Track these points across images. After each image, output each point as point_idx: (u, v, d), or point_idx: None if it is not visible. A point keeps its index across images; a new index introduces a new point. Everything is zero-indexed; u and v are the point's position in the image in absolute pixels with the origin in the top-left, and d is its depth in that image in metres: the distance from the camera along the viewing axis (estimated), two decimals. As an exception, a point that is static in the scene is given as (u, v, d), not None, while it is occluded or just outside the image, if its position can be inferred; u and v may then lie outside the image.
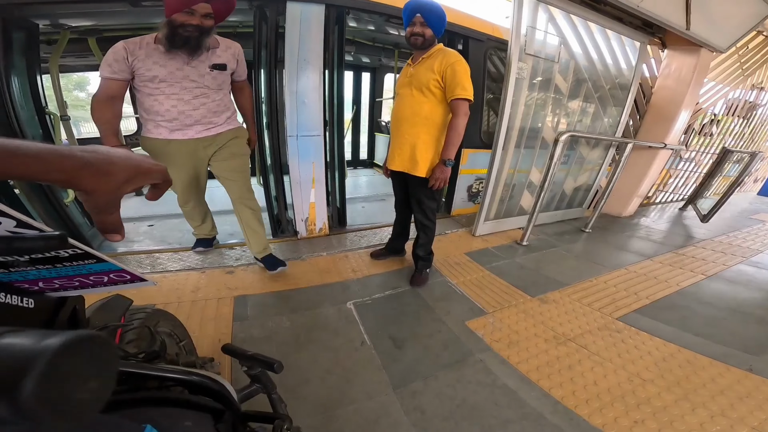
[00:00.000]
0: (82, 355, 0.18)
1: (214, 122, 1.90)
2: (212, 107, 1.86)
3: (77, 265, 0.40)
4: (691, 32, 3.03)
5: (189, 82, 1.74)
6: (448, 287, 2.16)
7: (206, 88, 1.81)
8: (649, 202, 4.79)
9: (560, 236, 3.26)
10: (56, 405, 0.16)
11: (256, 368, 0.75)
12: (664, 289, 2.28)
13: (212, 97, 1.84)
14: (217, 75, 1.82)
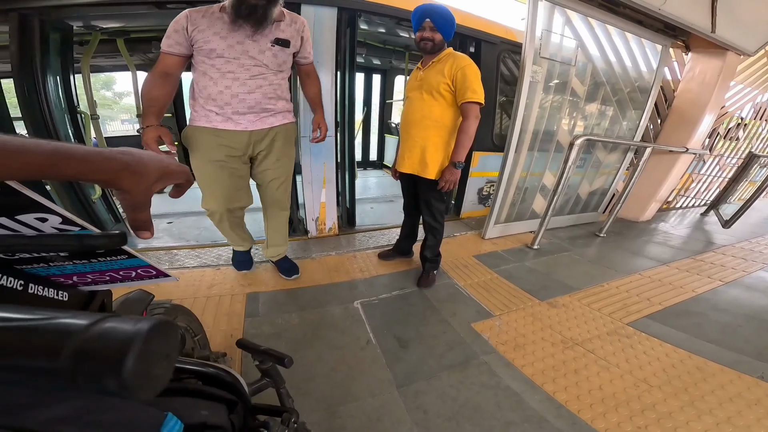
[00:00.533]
0: (161, 338, 0.21)
1: (269, 110, 1.69)
2: (268, 91, 1.65)
3: (110, 261, 0.44)
4: (717, 35, 2.94)
5: (247, 59, 1.54)
6: (454, 289, 2.17)
7: (264, 68, 1.59)
8: (668, 207, 4.66)
9: (573, 240, 3.22)
10: (144, 380, 0.19)
11: (268, 363, 0.78)
12: (679, 295, 2.23)
13: (269, 79, 1.63)
14: (278, 52, 1.60)
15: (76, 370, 0.16)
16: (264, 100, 1.65)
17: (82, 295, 0.50)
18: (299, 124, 2.51)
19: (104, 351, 0.16)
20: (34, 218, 0.34)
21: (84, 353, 0.16)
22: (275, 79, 1.66)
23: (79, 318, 0.18)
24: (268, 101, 1.67)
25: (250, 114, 1.65)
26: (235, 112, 1.61)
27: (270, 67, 1.61)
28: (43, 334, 0.17)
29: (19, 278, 0.41)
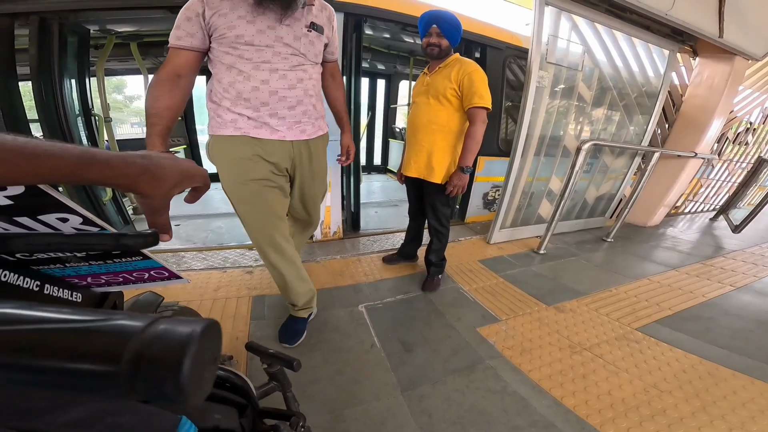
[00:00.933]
0: (210, 340, 0.20)
1: (309, 113, 1.38)
2: (309, 87, 1.35)
3: (125, 262, 0.45)
4: (725, 40, 2.92)
5: (282, 46, 1.24)
6: (459, 293, 2.15)
7: (303, 57, 1.30)
8: (677, 212, 4.60)
9: (580, 245, 3.19)
10: (196, 384, 0.18)
11: (276, 366, 0.78)
12: (689, 300, 2.20)
13: (309, 72, 1.34)
14: (314, 39, 1.32)
15: (135, 374, 0.16)
16: (306, 98, 1.34)
17: (95, 296, 0.50)
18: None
19: (163, 354, 0.16)
20: (55, 218, 0.35)
21: (143, 357, 0.16)
22: (314, 73, 1.37)
23: (135, 319, 0.18)
24: (309, 100, 1.36)
25: (290, 118, 1.33)
26: (273, 114, 1.29)
27: (308, 57, 1.32)
28: (104, 336, 0.16)
29: (35, 279, 0.42)
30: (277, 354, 0.75)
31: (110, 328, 0.16)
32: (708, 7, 2.75)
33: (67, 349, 0.15)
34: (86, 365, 0.15)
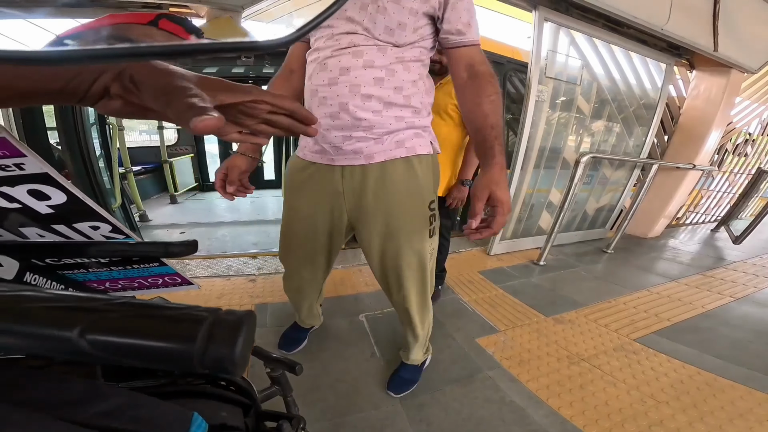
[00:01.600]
0: (250, 326, 0.23)
1: (368, 122, 0.93)
2: (364, 81, 0.90)
3: (143, 268, 0.49)
4: (720, 54, 2.99)
5: (342, 22, 0.89)
6: (459, 304, 2.17)
7: (361, 36, 0.89)
8: (678, 224, 4.61)
9: (580, 257, 3.21)
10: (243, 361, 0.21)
11: (278, 370, 0.82)
12: (688, 311, 2.21)
13: (368, 56, 0.89)
14: (390, 5, 0.86)
15: (204, 352, 0.19)
16: (355, 100, 0.91)
17: None
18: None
19: (223, 336, 0.19)
20: (88, 226, 0.39)
21: (211, 338, 0.19)
22: (383, 60, 0.89)
23: (202, 311, 0.21)
24: (366, 102, 0.91)
25: (336, 131, 0.95)
26: (334, 119, 0.96)
27: (372, 34, 0.88)
28: (184, 322, 0.20)
29: (60, 283, 0.46)
30: (280, 358, 0.78)
31: (187, 317, 0.20)
32: (702, 22, 2.82)
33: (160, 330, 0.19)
34: (173, 345, 0.19)
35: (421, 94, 0.98)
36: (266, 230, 3.49)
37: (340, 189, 1.03)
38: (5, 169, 0.35)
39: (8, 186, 0.37)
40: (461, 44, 0.93)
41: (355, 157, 0.97)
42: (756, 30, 3.04)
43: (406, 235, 1.04)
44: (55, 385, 0.30)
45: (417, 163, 1.00)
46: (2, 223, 0.39)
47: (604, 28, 2.81)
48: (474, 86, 0.93)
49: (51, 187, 0.38)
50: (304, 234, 1.18)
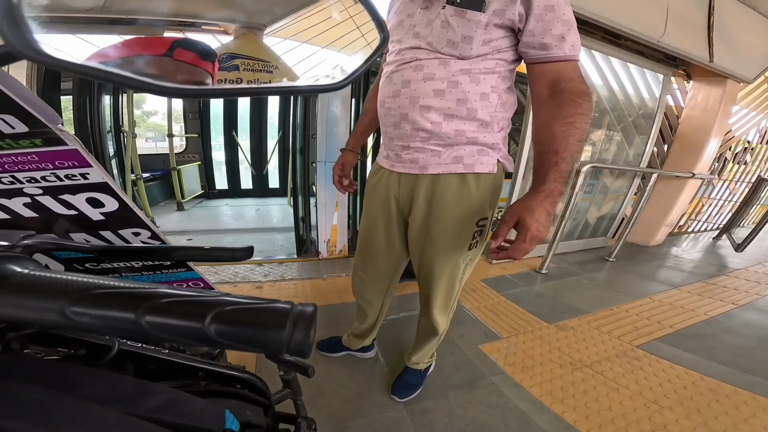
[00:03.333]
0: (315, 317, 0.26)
1: (427, 132, 0.95)
2: (423, 92, 0.92)
3: (171, 273, 0.52)
4: (715, 64, 3.05)
5: (410, 38, 0.93)
6: (462, 312, 2.19)
7: (424, 51, 0.91)
8: (680, 232, 4.63)
9: (582, 265, 3.22)
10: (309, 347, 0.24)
11: (291, 373, 0.85)
12: (690, 318, 2.23)
13: (429, 69, 0.91)
14: (453, 19, 0.86)
15: (290, 339, 0.22)
16: (414, 112, 0.94)
17: None
18: (316, 149, 2.58)
19: (304, 324, 0.22)
20: (131, 232, 0.43)
21: (295, 326, 0.22)
22: (444, 72, 0.90)
23: (282, 303, 0.24)
24: (424, 113, 0.93)
25: (397, 140, 1.01)
26: (384, 133, 1.07)
27: (435, 48, 0.90)
28: (276, 312, 0.23)
29: None
30: (293, 361, 0.81)
31: (277, 309, 0.23)
32: (697, 34, 2.88)
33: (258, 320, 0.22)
34: (270, 332, 0.22)
35: (492, 108, 0.94)
36: (271, 238, 3.53)
37: (396, 194, 1.09)
38: (71, 178, 0.39)
39: (70, 194, 0.41)
40: (544, 60, 0.86)
41: (411, 166, 1.01)
42: (750, 40, 3.11)
43: (444, 244, 1.06)
44: (110, 383, 0.33)
45: (473, 181, 0.98)
46: (54, 229, 0.43)
47: (602, 40, 2.88)
48: (552, 105, 0.86)
49: (107, 195, 0.42)
50: (369, 234, 1.24)
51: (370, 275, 1.34)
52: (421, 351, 1.44)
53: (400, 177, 1.06)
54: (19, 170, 0.40)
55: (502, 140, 1.01)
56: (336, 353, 1.68)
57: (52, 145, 0.38)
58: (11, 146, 0.37)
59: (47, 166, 0.40)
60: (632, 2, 2.50)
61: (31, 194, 0.43)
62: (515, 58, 0.93)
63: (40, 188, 0.42)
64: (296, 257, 2.93)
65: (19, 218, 0.45)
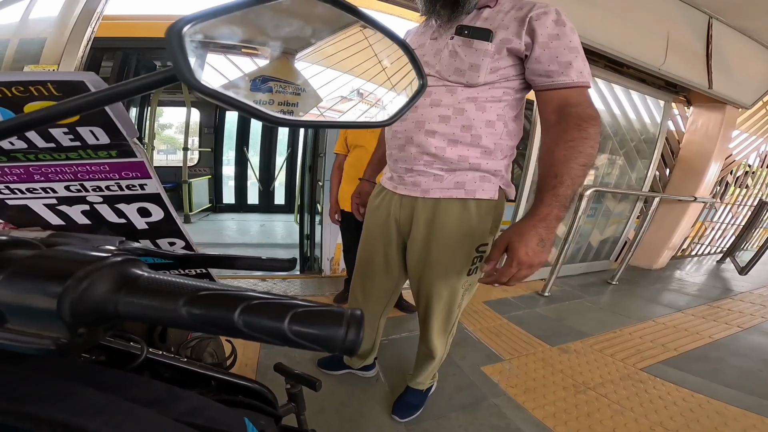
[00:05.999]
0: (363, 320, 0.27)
1: (430, 155, 0.97)
2: (429, 118, 0.95)
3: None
4: (714, 91, 3.12)
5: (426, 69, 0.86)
6: (464, 333, 2.19)
7: (432, 78, 0.95)
8: (683, 255, 4.61)
9: (585, 288, 3.21)
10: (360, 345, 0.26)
11: (297, 387, 0.86)
12: (695, 341, 2.21)
13: (437, 96, 0.95)
14: (461, 49, 0.91)
15: (345, 337, 0.24)
16: (419, 135, 0.96)
17: None
18: (324, 168, 2.61)
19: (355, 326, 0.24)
20: (167, 242, 0.46)
21: (348, 327, 0.24)
22: (450, 99, 0.93)
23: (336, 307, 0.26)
24: (428, 138, 0.96)
25: (402, 163, 1.04)
26: (390, 156, 1.10)
27: (443, 76, 0.94)
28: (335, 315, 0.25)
29: None
30: (301, 374, 0.83)
31: (335, 311, 0.25)
32: (696, 62, 2.97)
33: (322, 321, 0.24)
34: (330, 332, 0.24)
35: (497, 135, 0.95)
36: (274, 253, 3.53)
37: (397, 215, 1.10)
38: (131, 188, 0.43)
39: (125, 203, 0.45)
40: (551, 87, 0.87)
41: (413, 189, 1.02)
42: (748, 68, 3.19)
43: (443, 268, 1.06)
44: (143, 387, 0.35)
45: (474, 207, 0.99)
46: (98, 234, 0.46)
47: (605, 68, 2.95)
48: (557, 130, 0.86)
49: (156, 206, 0.45)
50: (368, 254, 1.24)
51: (367, 295, 1.33)
52: (421, 373, 1.42)
53: (402, 199, 1.07)
54: (89, 179, 0.43)
55: (505, 167, 1.02)
56: (337, 371, 1.68)
57: (124, 156, 0.41)
58: (90, 156, 0.40)
59: (114, 176, 0.43)
60: (634, 32, 2.58)
61: (92, 202, 0.46)
62: (523, 86, 0.95)
63: (101, 197, 0.45)
64: (299, 274, 2.95)
65: (72, 224, 0.48)
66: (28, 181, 0.42)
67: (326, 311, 0.25)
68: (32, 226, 0.48)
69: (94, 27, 1.63)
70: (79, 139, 0.38)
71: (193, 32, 0.20)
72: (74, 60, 1.59)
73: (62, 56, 1.58)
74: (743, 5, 2.67)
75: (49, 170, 0.42)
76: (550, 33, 0.85)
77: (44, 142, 0.38)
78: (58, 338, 0.22)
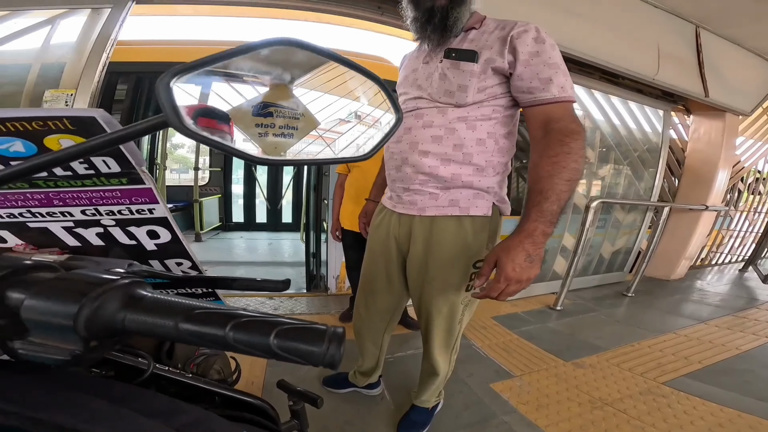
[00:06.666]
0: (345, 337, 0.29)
1: (425, 174, 1.00)
2: (422, 139, 0.99)
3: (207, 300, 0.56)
4: (711, 99, 3.13)
5: (413, 90, 1.04)
6: (472, 350, 2.12)
7: (425, 100, 1.00)
8: (703, 265, 4.44)
9: (599, 301, 3.10)
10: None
11: (300, 404, 0.85)
12: (721, 353, 2.09)
13: (429, 117, 0.98)
14: (449, 71, 0.95)
15: (326, 353, 0.26)
16: (414, 156, 1.00)
17: None
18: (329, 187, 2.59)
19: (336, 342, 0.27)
20: (174, 262, 0.49)
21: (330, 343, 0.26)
22: (442, 120, 0.97)
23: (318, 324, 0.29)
24: (422, 158, 0.99)
25: (399, 182, 1.07)
26: (388, 176, 1.14)
27: (434, 98, 0.98)
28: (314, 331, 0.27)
29: None
30: (303, 391, 0.82)
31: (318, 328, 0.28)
32: (690, 70, 3.00)
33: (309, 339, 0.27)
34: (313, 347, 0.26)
35: (488, 153, 0.97)
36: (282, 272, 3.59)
37: (396, 233, 1.12)
38: (140, 212, 0.48)
39: (135, 226, 0.50)
40: (534, 103, 0.90)
41: (410, 207, 1.05)
42: (742, 75, 3.20)
43: (441, 284, 1.07)
44: (149, 399, 0.36)
45: (469, 223, 1.01)
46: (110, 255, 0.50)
47: (601, 80, 2.99)
48: (542, 145, 0.88)
49: (164, 228, 0.50)
50: (370, 271, 1.26)
51: (371, 311, 1.33)
52: (426, 390, 1.38)
53: (400, 217, 1.09)
54: (103, 204, 0.48)
55: (497, 184, 1.03)
56: (342, 389, 1.63)
57: (134, 183, 0.45)
58: (103, 183, 0.45)
59: (125, 201, 0.48)
60: (626, 44, 2.64)
61: (106, 225, 0.51)
62: (512, 103, 0.97)
63: (114, 220, 0.50)
64: (306, 292, 2.94)
65: (88, 245, 0.53)
66: (48, 205, 0.47)
67: (309, 328, 0.28)
68: (51, 247, 0.52)
69: (108, 53, 1.74)
70: (93, 168, 0.43)
71: (181, 82, 0.24)
72: (91, 84, 1.68)
73: (80, 81, 1.68)
74: (727, 14, 2.71)
75: (67, 196, 0.46)
76: (530, 50, 0.88)
77: (63, 171, 0.42)
78: (73, 350, 0.26)
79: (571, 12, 2.35)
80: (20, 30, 1.73)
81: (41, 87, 1.69)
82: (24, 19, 1.74)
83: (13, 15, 1.73)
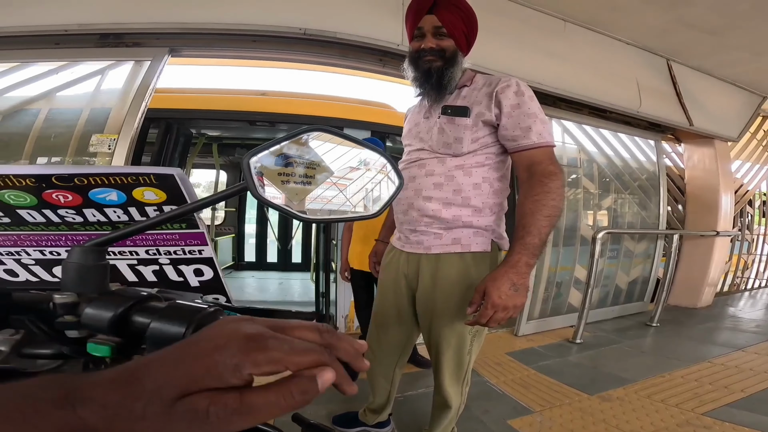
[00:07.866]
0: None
1: (428, 216, 1.09)
2: (425, 185, 1.10)
3: None
4: (697, 128, 3.21)
5: (417, 142, 1.16)
6: (486, 386, 1.96)
7: (426, 152, 1.12)
8: (731, 291, 4.20)
9: (622, 332, 2.91)
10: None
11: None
12: (765, 381, 1.89)
13: (430, 167, 1.10)
14: (446, 125, 1.08)
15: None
16: (418, 201, 1.10)
17: None
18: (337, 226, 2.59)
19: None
20: (212, 297, 0.54)
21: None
22: (442, 168, 1.08)
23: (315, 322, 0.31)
24: (426, 203, 1.08)
25: (407, 225, 1.16)
26: (396, 219, 1.22)
27: (434, 149, 1.10)
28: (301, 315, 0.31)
29: None
30: (317, 424, 0.78)
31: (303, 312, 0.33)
32: (669, 101, 3.12)
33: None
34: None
35: (484, 195, 1.08)
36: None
37: (405, 271, 1.18)
38: (191, 253, 0.54)
39: (185, 265, 0.55)
40: (517, 149, 1.03)
41: (417, 246, 1.13)
42: (722, 103, 3.31)
43: (449, 317, 1.11)
44: None
45: (471, 259, 1.08)
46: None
47: (590, 115, 3.10)
48: (526, 185, 1.00)
49: (208, 267, 0.55)
50: (382, 307, 1.30)
51: (382, 346, 1.34)
52: (438, 425, 1.28)
53: (409, 256, 1.16)
54: (163, 245, 0.53)
55: (494, 222, 1.11)
56: (352, 429, 1.53)
57: (190, 228, 0.51)
58: (168, 228, 0.51)
59: (181, 243, 0.53)
60: (607, 81, 2.79)
61: (161, 263, 0.56)
62: (502, 150, 1.09)
63: (169, 259, 0.55)
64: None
65: (143, 281, 0.58)
66: (120, 245, 0.53)
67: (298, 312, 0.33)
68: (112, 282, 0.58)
69: (147, 100, 1.90)
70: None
71: (255, 161, 0.37)
72: (131, 130, 1.82)
73: (122, 127, 1.82)
74: (691, 46, 2.86)
75: (137, 237, 0.52)
76: (512, 103, 1.01)
77: (139, 215, 0.49)
78: None
79: (555, 55, 2.53)
80: (75, 78, 1.95)
81: (89, 131, 1.84)
82: (80, 67, 1.96)
83: (71, 65, 1.95)
